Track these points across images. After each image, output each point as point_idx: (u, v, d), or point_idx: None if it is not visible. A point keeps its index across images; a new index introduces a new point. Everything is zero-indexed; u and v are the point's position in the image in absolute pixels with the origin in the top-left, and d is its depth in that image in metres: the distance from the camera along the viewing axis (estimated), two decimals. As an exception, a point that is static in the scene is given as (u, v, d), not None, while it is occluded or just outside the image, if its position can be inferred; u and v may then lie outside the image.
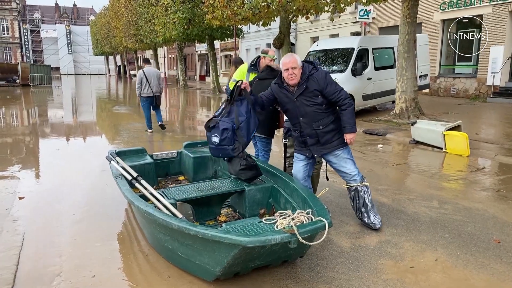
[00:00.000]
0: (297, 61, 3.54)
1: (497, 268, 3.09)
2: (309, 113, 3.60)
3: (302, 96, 3.58)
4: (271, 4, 12.13)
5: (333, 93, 3.55)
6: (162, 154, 5.13)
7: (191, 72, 44.73)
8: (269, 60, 4.87)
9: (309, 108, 3.58)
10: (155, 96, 9.25)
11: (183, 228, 2.65)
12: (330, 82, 3.56)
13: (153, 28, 25.91)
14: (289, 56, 3.61)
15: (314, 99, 3.56)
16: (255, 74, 4.94)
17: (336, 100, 3.56)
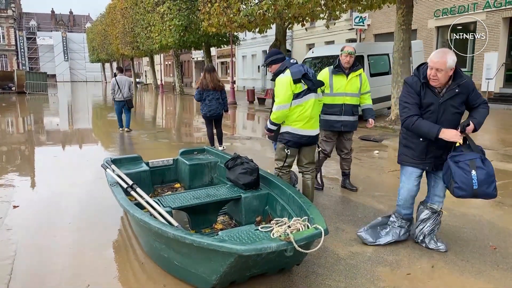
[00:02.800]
0: (447, 63, 3.02)
1: (493, 274, 3.09)
2: (450, 121, 3.19)
3: (447, 100, 3.17)
4: (267, 11, 12.20)
5: (478, 97, 3.19)
6: (158, 162, 5.11)
7: (188, 79, 44.79)
8: (345, 56, 4.80)
9: (452, 116, 3.19)
10: (126, 100, 10.67)
11: (178, 237, 2.63)
12: (475, 88, 3.22)
13: (150, 35, 26.00)
14: (440, 53, 3.08)
15: (453, 108, 3.17)
16: (341, 75, 4.88)
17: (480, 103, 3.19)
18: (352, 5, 11.65)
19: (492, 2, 15.02)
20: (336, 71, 4.89)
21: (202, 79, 7.51)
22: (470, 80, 3.23)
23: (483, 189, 2.98)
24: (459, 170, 3.03)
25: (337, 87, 4.88)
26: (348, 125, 4.98)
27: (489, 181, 2.98)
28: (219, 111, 7.60)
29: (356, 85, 4.92)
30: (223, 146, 8.11)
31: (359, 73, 4.92)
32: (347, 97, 4.89)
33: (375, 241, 3.62)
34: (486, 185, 2.98)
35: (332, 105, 4.90)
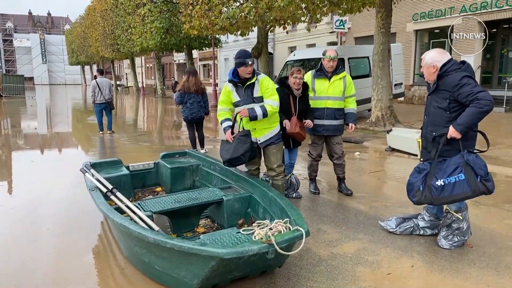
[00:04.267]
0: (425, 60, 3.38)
1: (471, 272, 3.16)
2: (430, 115, 3.45)
3: (432, 95, 3.42)
4: (248, 14, 12.22)
5: (467, 94, 3.13)
6: (139, 165, 5.05)
7: (169, 82, 44.41)
8: (328, 61, 4.77)
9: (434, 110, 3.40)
10: (107, 102, 10.73)
11: (159, 241, 2.60)
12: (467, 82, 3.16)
13: (130, 37, 25.70)
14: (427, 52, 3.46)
15: (441, 102, 3.32)
16: (323, 79, 4.85)
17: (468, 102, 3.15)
18: (333, 8, 11.78)
19: (468, 6, 15.41)
20: (318, 75, 4.87)
21: (184, 82, 7.47)
22: (456, 77, 3.20)
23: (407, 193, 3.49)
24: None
25: (319, 90, 4.86)
26: (330, 129, 4.91)
27: (408, 189, 3.45)
28: (200, 114, 7.57)
29: (339, 88, 4.86)
30: (205, 149, 8.08)
31: (342, 76, 4.87)
32: (329, 100, 4.84)
33: (395, 228, 3.91)
34: (407, 191, 3.47)
35: (315, 109, 4.86)
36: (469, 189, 3.18)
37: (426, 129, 3.53)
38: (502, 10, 14.47)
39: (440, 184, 3.23)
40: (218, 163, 4.76)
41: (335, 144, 5.04)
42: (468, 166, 3.19)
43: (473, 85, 3.16)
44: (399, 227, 3.92)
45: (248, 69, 3.90)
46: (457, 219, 3.52)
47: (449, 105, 3.28)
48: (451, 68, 3.27)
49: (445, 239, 3.59)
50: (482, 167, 3.20)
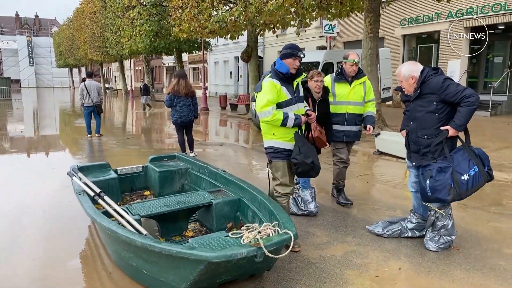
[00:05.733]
0: (401, 74, 3.50)
1: (457, 274, 3.20)
2: (417, 119, 3.55)
3: (416, 101, 3.52)
4: (238, 18, 12.26)
5: (454, 93, 3.31)
6: (127, 169, 5.02)
7: (159, 85, 44.27)
8: (350, 65, 4.53)
9: (420, 113, 3.51)
10: (95, 105, 10.70)
11: (147, 245, 2.59)
12: (450, 84, 3.36)
13: (119, 40, 25.55)
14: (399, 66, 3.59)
15: (427, 105, 3.45)
16: (344, 83, 4.62)
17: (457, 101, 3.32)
18: (322, 13, 11.88)
19: (454, 12, 15.66)
20: (339, 79, 4.63)
21: (175, 85, 7.45)
22: (438, 80, 3.37)
23: (435, 195, 3.37)
24: (421, 177, 3.47)
25: (340, 95, 4.62)
26: (350, 135, 4.69)
27: (439, 189, 3.33)
28: (190, 117, 7.55)
29: (360, 93, 4.65)
30: (194, 153, 8.05)
31: (363, 81, 4.67)
32: (349, 106, 4.63)
33: (382, 231, 3.95)
34: (437, 192, 3.34)
35: (335, 114, 4.59)
36: (482, 179, 3.39)
37: (415, 135, 3.59)
38: (488, 16, 14.74)
39: (465, 179, 3.36)
40: (207, 166, 4.76)
41: (348, 150, 4.90)
42: (478, 158, 3.40)
43: (456, 84, 3.39)
44: (386, 229, 3.95)
45: (296, 63, 3.44)
46: (441, 216, 3.58)
47: (437, 107, 3.42)
48: (429, 73, 3.46)
49: (432, 241, 3.64)
50: (487, 158, 3.45)
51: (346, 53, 4.62)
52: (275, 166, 3.61)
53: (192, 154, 7.87)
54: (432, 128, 3.47)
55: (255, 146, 10.22)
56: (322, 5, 11.00)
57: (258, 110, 3.42)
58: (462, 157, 3.39)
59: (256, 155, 8.91)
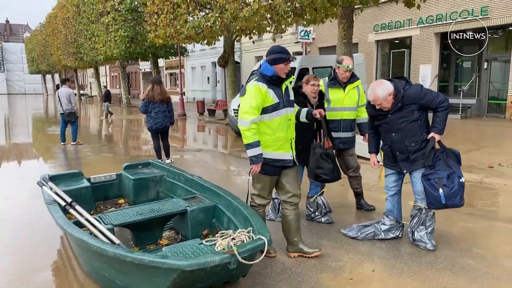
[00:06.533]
0: (380, 97, 3.51)
1: (428, 274, 3.28)
2: (401, 130, 3.61)
3: (396, 114, 3.58)
4: (213, 24, 12.25)
5: (432, 100, 3.51)
6: (100, 177, 4.93)
7: (135, 91, 43.71)
8: (344, 71, 4.39)
9: (403, 124, 3.58)
10: (65, 113, 10.49)
11: (119, 255, 2.55)
12: (426, 92, 3.52)
13: (94, 46, 25.15)
14: (370, 92, 3.57)
15: (409, 116, 3.55)
16: (338, 88, 4.48)
17: (435, 106, 3.52)
18: (297, 19, 12.00)
19: (425, 18, 16.13)
20: (332, 84, 4.49)
21: (149, 91, 7.38)
22: (416, 89, 3.52)
23: (451, 202, 3.49)
24: (429, 188, 3.53)
25: (334, 101, 4.49)
26: (347, 142, 4.58)
27: (454, 195, 3.46)
28: (165, 123, 7.49)
29: (354, 98, 4.55)
30: (170, 159, 7.98)
31: (356, 85, 4.56)
32: (345, 111, 4.50)
33: (357, 234, 4.01)
34: (452, 199, 3.47)
35: (329, 121, 4.41)
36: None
37: (401, 144, 3.66)
38: (456, 22, 15.24)
39: (463, 181, 3.54)
40: (182, 173, 4.72)
41: (350, 156, 4.72)
42: (457, 159, 3.64)
43: (431, 91, 3.60)
44: (360, 232, 4.01)
45: (287, 67, 3.30)
46: (431, 216, 3.73)
47: (418, 115, 3.57)
48: (405, 85, 3.56)
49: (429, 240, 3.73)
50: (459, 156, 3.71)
51: (340, 58, 4.50)
52: (258, 177, 3.45)
53: (168, 161, 7.80)
54: (418, 135, 3.61)
55: (233, 152, 10.22)
56: (297, 11, 11.13)
57: (240, 115, 3.28)
58: (452, 161, 3.58)
59: (234, 161, 8.91)
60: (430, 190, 3.51)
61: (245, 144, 3.27)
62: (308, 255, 3.57)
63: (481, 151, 8.52)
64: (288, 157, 3.44)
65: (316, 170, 3.90)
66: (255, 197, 3.57)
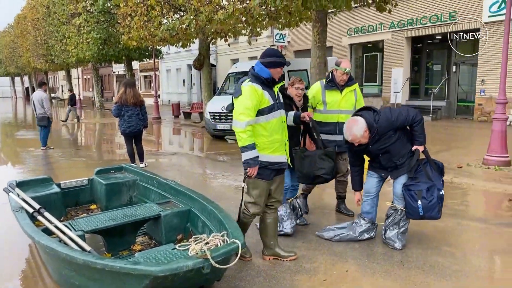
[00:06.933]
0: (357, 136, 3.56)
1: (399, 273, 3.35)
2: (388, 152, 3.71)
3: (377, 143, 3.67)
4: (188, 26, 12.18)
5: (405, 121, 3.61)
6: (71, 182, 4.81)
7: (109, 93, 42.90)
8: (341, 74, 4.31)
9: (387, 148, 3.69)
10: (38, 117, 10.28)
11: (89, 262, 2.49)
12: (397, 115, 3.60)
13: (65, 48, 24.57)
14: (347, 133, 3.61)
15: (389, 139, 3.64)
16: (335, 91, 4.41)
17: (411, 123, 3.64)
18: (272, 22, 12.10)
19: (396, 22, 16.54)
20: (330, 86, 4.42)
21: (122, 94, 7.26)
22: (386, 117, 3.59)
23: (428, 214, 3.59)
24: (408, 198, 3.63)
25: (331, 103, 4.42)
26: (342, 145, 4.34)
27: (432, 208, 3.56)
28: (139, 127, 7.38)
29: (351, 101, 4.48)
30: (144, 163, 7.87)
31: (354, 88, 4.51)
32: (341, 114, 4.41)
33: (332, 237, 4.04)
34: (430, 211, 3.57)
35: (325, 124, 4.42)
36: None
37: (389, 162, 3.77)
38: (426, 27, 15.70)
39: (443, 193, 3.64)
40: (156, 177, 4.66)
41: (342, 160, 4.64)
42: (440, 171, 3.76)
43: (400, 112, 3.66)
44: (335, 234, 4.06)
45: (281, 71, 3.34)
46: (405, 218, 3.80)
47: (397, 136, 3.67)
48: (375, 118, 3.62)
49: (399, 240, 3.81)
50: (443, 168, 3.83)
51: (338, 60, 4.42)
52: (254, 183, 3.32)
53: (142, 165, 7.69)
54: (403, 150, 3.72)
55: (209, 155, 10.17)
56: (272, 15, 11.21)
57: (235, 116, 3.18)
58: (434, 173, 3.67)
59: (210, 164, 8.86)
60: (409, 201, 3.60)
61: (240, 146, 3.17)
62: (283, 259, 3.57)
63: (451, 152, 8.79)
64: (284, 159, 3.41)
65: (317, 171, 3.95)
66: (250, 206, 3.40)
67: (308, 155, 3.99)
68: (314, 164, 3.92)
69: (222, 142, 12.13)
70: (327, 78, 4.50)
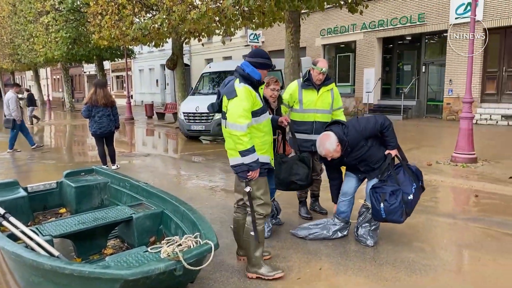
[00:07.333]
0: (330, 150, 3.61)
1: (371, 270, 3.41)
2: (364, 160, 3.77)
3: (351, 155, 3.72)
4: (161, 26, 12.03)
5: (373, 129, 3.67)
6: (39, 186, 4.65)
7: (79, 94, 41.86)
8: (318, 73, 4.26)
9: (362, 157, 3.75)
10: (4, 119, 10.11)
11: (56, 268, 2.41)
12: (365, 125, 3.66)
13: (33, 47, 23.75)
14: (320, 148, 3.67)
15: (362, 149, 3.70)
16: (311, 90, 4.36)
17: (380, 130, 3.69)
18: (245, 22, 12.08)
19: (368, 23, 16.87)
20: (306, 85, 4.39)
21: (92, 95, 7.09)
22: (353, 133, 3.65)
23: (390, 217, 3.63)
24: (373, 200, 3.68)
25: (307, 103, 4.38)
26: None
27: (394, 211, 3.59)
28: (110, 128, 7.23)
29: (327, 101, 4.43)
30: (116, 165, 7.71)
31: (330, 88, 4.45)
32: (317, 114, 4.39)
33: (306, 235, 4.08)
34: (392, 214, 3.61)
35: (301, 123, 4.40)
36: (419, 192, 3.78)
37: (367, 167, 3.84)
38: (396, 28, 16.08)
39: (411, 198, 3.65)
40: (127, 179, 4.57)
41: (317, 160, 4.60)
42: (415, 175, 3.76)
43: (368, 120, 3.74)
44: (309, 233, 4.09)
45: (266, 74, 3.32)
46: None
47: (370, 144, 3.74)
48: (344, 132, 3.68)
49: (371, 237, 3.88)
50: (421, 173, 3.85)
51: (315, 60, 4.40)
52: (258, 183, 3.21)
53: (114, 167, 7.53)
54: (378, 155, 3.78)
55: (183, 156, 10.07)
56: (245, 15, 11.21)
57: (233, 119, 3.05)
58: (404, 177, 3.69)
59: (185, 165, 8.77)
60: (374, 203, 3.67)
61: (242, 150, 3.05)
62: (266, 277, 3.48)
63: (421, 150, 9.04)
64: (269, 160, 3.37)
65: (291, 177, 3.91)
66: (260, 208, 3.25)
67: (285, 161, 4.00)
68: (290, 170, 3.90)
69: (197, 142, 12.04)
70: (304, 77, 4.48)
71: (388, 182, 3.68)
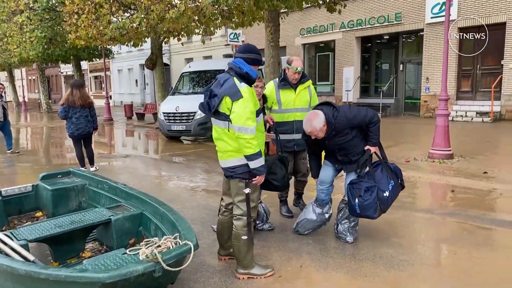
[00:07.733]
0: (317, 128, 3.55)
1: (351, 266, 3.45)
2: (344, 148, 3.76)
3: (333, 139, 3.69)
4: (139, 25, 11.87)
5: (362, 120, 3.65)
6: (14, 189, 4.52)
7: (56, 95, 40.96)
8: (293, 73, 4.22)
9: (343, 145, 3.73)
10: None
11: (31, 272, 2.36)
12: (355, 114, 3.64)
13: (6, 47, 23.10)
14: (307, 125, 3.58)
15: (346, 137, 3.69)
16: (288, 89, 4.32)
17: (368, 124, 3.66)
18: (225, 22, 12.05)
19: (346, 23, 17.05)
20: (283, 85, 4.35)
21: (69, 95, 6.96)
22: (342, 118, 3.63)
23: (364, 213, 3.66)
24: (349, 195, 3.72)
25: (285, 102, 4.36)
26: (301, 144, 4.32)
27: (367, 207, 3.62)
28: (88, 129, 7.10)
29: (305, 98, 4.42)
30: (95, 167, 7.58)
31: (307, 85, 4.44)
32: (297, 112, 4.35)
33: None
34: (365, 210, 3.64)
35: (282, 123, 4.34)
36: (397, 190, 3.80)
37: (346, 158, 3.85)
38: (374, 27, 16.31)
39: (386, 195, 3.66)
40: (106, 181, 4.49)
41: (302, 159, 4.60)
42: (393, 173, 3.78)
43: (359, 110, 3.71)
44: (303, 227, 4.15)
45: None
46: None
47: (354, 134, 3.74)
48: (334, 114, 3.64)
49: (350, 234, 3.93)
50: (400, 171, 3.88)
51: (290, 59, 4.33)
52: (253, 186, 3.17)
53: (93, 169, 7.41)
54: (358, 147, 3.80)
55: (164, 156, 9.98)
56: (224, 14, 11.16)
57: (241, 122, 2.89)
58: (382, 175, 3.72)
59: (165, 166, 8.70)
60: (350, 198, 3.70)
61: (250, 154, 2.95)
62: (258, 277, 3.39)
63: (399, 147, 9.20)
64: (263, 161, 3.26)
65: (268, 176, 3.76)
66: (253, 211, 3.26)
67: (266, 160, 3.98)
68: (269, 169, 3.84)
69: (177, 143, 11.94)
70: (280, 77, 4.47)
71: (365, 179, 3.72)
